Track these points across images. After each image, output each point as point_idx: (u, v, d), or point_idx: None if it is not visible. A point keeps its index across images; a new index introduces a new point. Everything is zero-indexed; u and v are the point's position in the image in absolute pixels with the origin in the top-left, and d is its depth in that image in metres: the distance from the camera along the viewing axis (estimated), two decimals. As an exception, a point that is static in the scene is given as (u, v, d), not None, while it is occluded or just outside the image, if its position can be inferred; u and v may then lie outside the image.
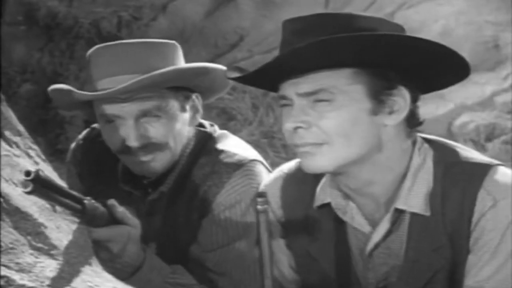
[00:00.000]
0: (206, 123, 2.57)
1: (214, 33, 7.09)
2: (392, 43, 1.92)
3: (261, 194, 1.96)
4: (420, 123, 2.08)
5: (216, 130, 2.55)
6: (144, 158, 2.38)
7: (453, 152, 2.09)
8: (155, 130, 2.36)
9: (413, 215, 2.05)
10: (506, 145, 5.97)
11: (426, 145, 2.09)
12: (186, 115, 2.45)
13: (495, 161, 2.08)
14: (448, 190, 2.03)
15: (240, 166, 2.41)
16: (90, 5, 7.20)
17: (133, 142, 2.35)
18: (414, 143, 2.08)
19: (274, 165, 2.50)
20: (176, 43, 2.48)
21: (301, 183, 2.19)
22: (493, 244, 1.98)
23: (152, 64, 2.36)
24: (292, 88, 1.99)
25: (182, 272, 2.34)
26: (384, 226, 2.07)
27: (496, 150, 5.83)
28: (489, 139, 6.07)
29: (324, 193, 2.14)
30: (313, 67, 1.95)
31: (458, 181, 2.03)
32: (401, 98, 2.00)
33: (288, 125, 1.99)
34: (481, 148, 5.73)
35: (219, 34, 7.08)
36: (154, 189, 2.47)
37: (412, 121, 2.05)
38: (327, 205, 2.14)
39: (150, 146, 2.37)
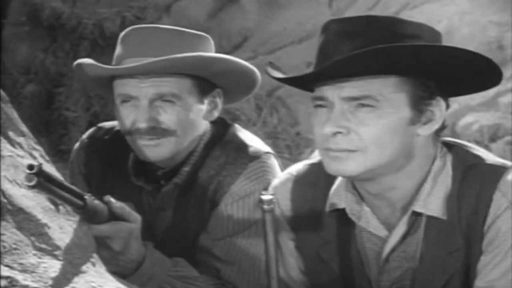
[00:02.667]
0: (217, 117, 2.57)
1: (218, 34, 7.08)
2: (445, 54, 1.93)
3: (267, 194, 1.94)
4: (445, 128, 2.08)
5: (229, 123, 2.56)
6: (149, 142, 2.37)
7: (470, 155, 2.08)
8: (166, 115, 2.36)
9: (430, 218, 2.05)
10: (510, 145, 5.96)
11: (445, 149, 2.09)
12: (203, 108, 2.44)
13: (510, 163, 2.07)
14: (464, 192, 2.03)
15: (255, 157, 2.43)
16: (94, 5, 7.20)
17: (142, 123, 2.34)
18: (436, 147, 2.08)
19: (280, 166, 2.51)
20: (209, 37, 2.47)
21: (312, 186, 2.18)
22: (507, 245, 1.98)
23: (180, 51, 2.35)
24: (335, 91, 1.96)
25: (184, 265, 2.35)
26: (401, 229, 2.07)
27: (500, 150, 5.82)
28: (493, 139, 6.07)
29: (338, 197, 2.13)
30: (365, 73, 1.94)
31: (474, 183, 2.02)
32: (438, 108, 2.00)
33: (328, 130, 1.96)
34: (485, 149, 5.71)
35: (223, 35, 7.08)
36: (168, 181, 2.47)
37: (441, 129, 2.05)
38: (338, 211, 2.13)
39: (157, 130, 2.36)
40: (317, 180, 2.16)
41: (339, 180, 2.13)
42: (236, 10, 7.27)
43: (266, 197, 1.82)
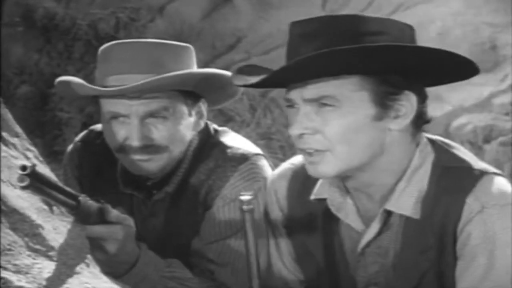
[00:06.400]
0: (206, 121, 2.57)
1: (212, 35, 7.09)
2: (396, 52, 1.91)
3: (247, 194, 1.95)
4: (427, 121, 2.07)
5: (216, 127, 2.56)
6: (141, 157, 2.37)
7: (453, 156, 2.08)
8: (158, 132, 2.36)
9: (403, 216, 2.05)
10: (504, 146, 5.96)
11: (429, 147, 2.08)
12: (191, 120, 2.45)
13: (492, 169, 2.06)
14: (440, 193, 2.02)
15: (245, 160, 2.44)
16: (88, 6, 7.19)
17: (135, 142, 2.34)
18: (417, 144, 2.07)
19: (271, 166, 2.51)
20: (191, 46, 2.46)
21: (307, 177, 2.18)
22: (479, 251, 1.97)
23: (166, 66, 2.36)
24: (298, 93, 1.98)
25: (178, 266, 2.35)
26: (375, 225, 2.08)
27: (494, 151, 5.83)
28: (486, 140, 6.07)
29: (322, 189, 2.15)
30: (319, 76, 1.95)
31: (451, 185, 2.02)
32: (408, 102, 1.99)
33: (294, 131, 1.99)
34: (478, 150, 5.73)
35: (216, 36, 7.08)
36: (159, 190, 2.47)
37: (419, 122, 2.04)
38: (325, 201, 2.15)
39: (150, 148, 2.36)
40: None
41: None
42: (230, 11, 7.27)
43: (245, 197, 1.85)
